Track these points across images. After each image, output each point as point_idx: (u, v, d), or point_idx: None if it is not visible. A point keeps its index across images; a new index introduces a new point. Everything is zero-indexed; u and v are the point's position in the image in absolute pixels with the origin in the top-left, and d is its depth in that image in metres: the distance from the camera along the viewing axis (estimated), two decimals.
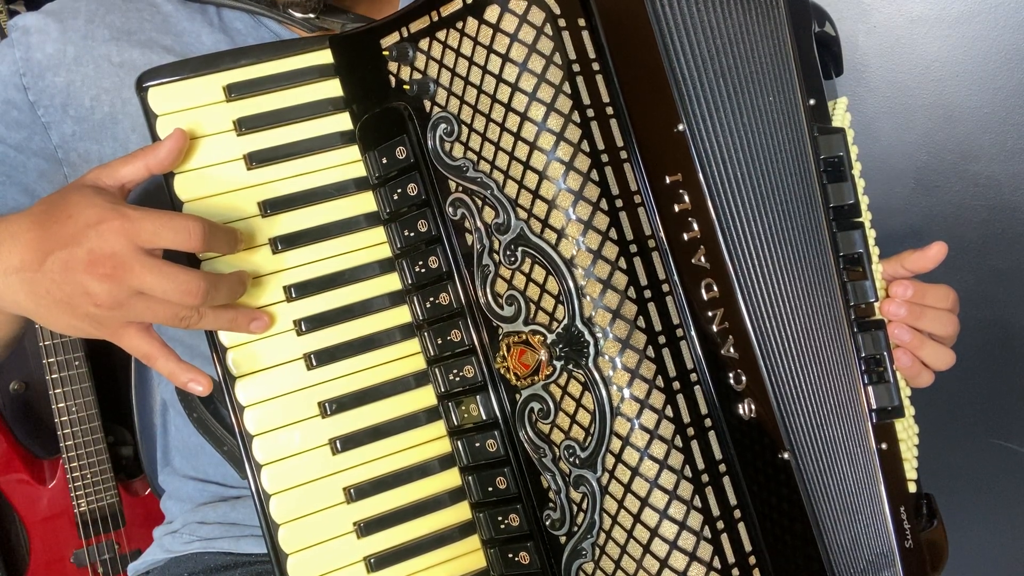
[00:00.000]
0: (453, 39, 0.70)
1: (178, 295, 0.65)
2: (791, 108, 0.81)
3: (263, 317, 0.72)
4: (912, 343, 0.82)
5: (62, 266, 0.65)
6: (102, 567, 1.73)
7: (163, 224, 0.64)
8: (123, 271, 0.64)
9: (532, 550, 0.72)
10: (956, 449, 1.51)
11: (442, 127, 0.71)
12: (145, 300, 0.65)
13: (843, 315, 0.81)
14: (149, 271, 0.64)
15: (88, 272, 0.64)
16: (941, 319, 0.84)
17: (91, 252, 0.64)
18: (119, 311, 0.66)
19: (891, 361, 0.82)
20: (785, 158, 0.79)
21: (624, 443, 0.67)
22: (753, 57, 0.78)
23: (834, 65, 0.91)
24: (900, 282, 0.84)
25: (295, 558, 0.73)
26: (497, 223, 0.70)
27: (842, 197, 0.83)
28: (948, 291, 0.86)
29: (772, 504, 0.70)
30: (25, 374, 1.73)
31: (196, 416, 0.86)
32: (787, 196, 0.78)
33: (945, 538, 0.84)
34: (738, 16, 0.78)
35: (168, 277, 0.64)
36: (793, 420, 0.73)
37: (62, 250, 0.65)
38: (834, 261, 0.81)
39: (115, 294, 0.64)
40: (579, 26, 0.68)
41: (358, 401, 0.75)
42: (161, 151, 0.70)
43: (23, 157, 0.85)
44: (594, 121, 0.67)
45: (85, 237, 0.64)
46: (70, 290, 0.65)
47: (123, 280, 0.64)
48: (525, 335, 0.69)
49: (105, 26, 0.85)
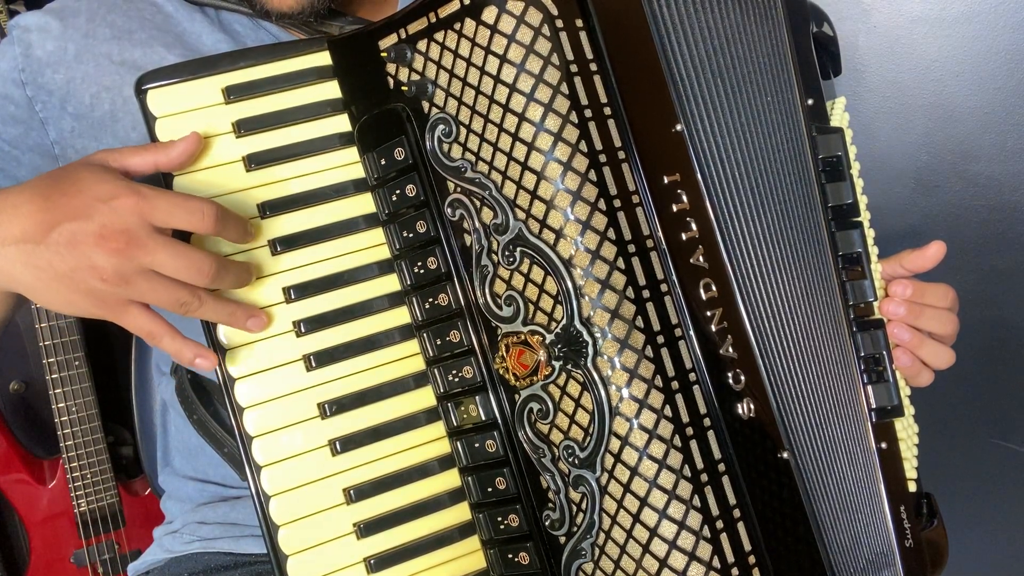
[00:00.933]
0: (451, 40, 0.70)
1: (188, 273, 0.64)
2: (789, 108, 0.81)
3: (261, 315, 0.71)
4: (911, 342, 0.82)
5: (69, 238, 0.63)
6: (102, 567, 1.73)
7: (178, 204, 0.64)
8: (134, 247, 0.63)
9: (532, 550, 0.72)
10: (956, 449, 1.51)
11: (440, 128, 0.71)
12: (150, 279, 0.65)
13: (842, 315, 0.81)
14: (162, 247, 0.64)
15: (98, 246, 0.63)
16: (940, 318, 0.84)
17: (103, 226, 0.63)
18: (123, 287, 0.64)
19: (890, 360, 0.82)
20: (783, 158, 0.79)
21: (623, 443, 0.67)
22: (751, 57, 0.78)
23: (832, 65, 0.91)
24: (899, 281, 0.84)
25: (295, 559, 0.73)
26: (496, 223, 0.70)
27: (840, 197, 0.83)
28: (947, 290, 0.86)
29: (771, 504, 0.70)
30: (25, 374, 1.73)
31: (196, 418, 0.87)
32: (785, 196, 0.78)
33: (945, 537, 0.84)
34: (736, 17, 0.78)
35: (180, 254, 0.64)
36: (792, 419, 0.73)
37: (71, 222, 0.63)
38: (833, 261, 0.81)
39: (122, 269, 0.64)
40: (577, 27, 0.68)
41: (358, 402, 0.75)
42: (174, 151, 0.70)
43: (18, 152, 0.85)
44: (592, 122, 0.67)
45: (96, 211, 0.63)
46: (74, 263, 0.64)
47: (133, 256, 0.63)
48: (524, 335, 0.70)
49: (106, 25, 0.85)
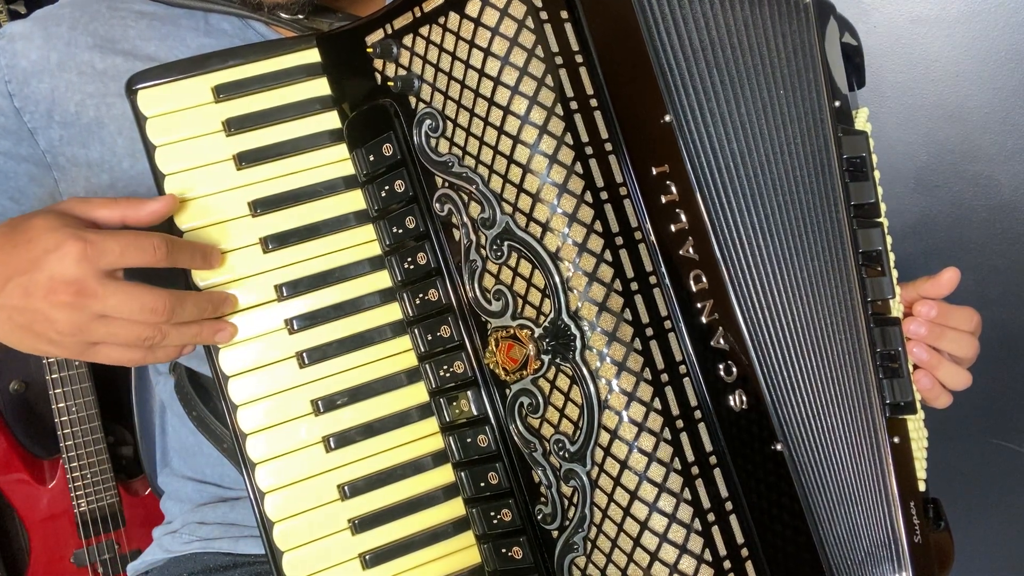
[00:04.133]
0: (436, 35, 0.70)
1: (143, 314, 0.65)
2: (811, 106, 0.81)
3: (227, 327, 0.72)
4: (929, 362, 0.83)
5: (22, 292, 0.65)
6: (102, 567, 1.74)
7: (127, 244, 0.65)
8: (84, 296, 0.64)
9: (525, 545, 0.72)
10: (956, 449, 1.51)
11: (427, 123, 0.71)
12: (107, 324, 0.65)
13: (860, 310, 0.81)
14: (112, 293, 0.64)
15: (47, 299, 0.64)
16: (962, 341, 0.85)
17: (51, 279, 0.64)
18: (81, 335, 0.66)
19: (906, 358, 0.82)
20: (797, 152, 0.79)
21: (612, 436, 0.66)
22: (758, 50, 0.78)
23: (856, 76, 0.91)
24: (924, 301, 0.84)
25: (290, 555, 0.73)
26: (483, 218, 0.70)
27: (863, 196, 0.83)
28: (972, 314, 0.86)
29: (764, 496, 0.70)
30: (25, 374, 1.74)
31: (195, 414, 0.87)
32: (796, 189, 0.78)
33: (951, 542, 0.84)
34: (742, 10, 0.77)
35: (132, 297, 0.65)
36: (787, 411, 0.73)
37: (21, 276, 0.64)
38: (854, 256, 0.81)
39: (76, 320, 0.65)
40: (562, 19, 0.68)
41: (350, 398, 0.75)
42: (143, 211, 0.70)
43: (12, 163, 0.86)
44: (577, 114, 0.67)
45: (45, 262, 0.64)
46: (31, 316, 0.65)
47: (85, 306, 0.64)
48: (513, 330, 0.69)
49: (88, 33, 0.86)
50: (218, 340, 0.71)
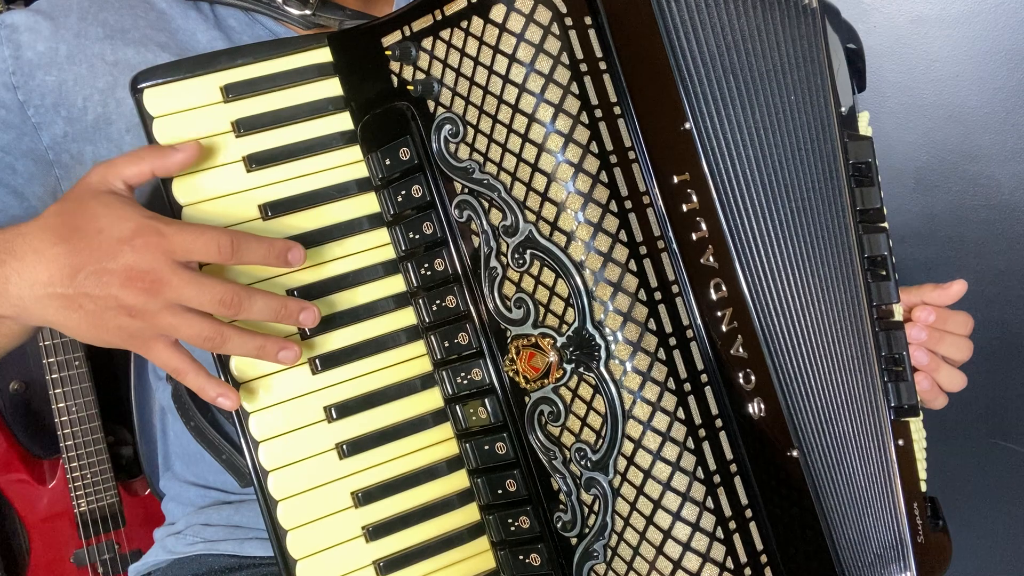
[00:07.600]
0: (458, 39, 0.68)
1: (213, 305, 0.65)
2: (818, 111, 0.82)
3: (293, 347, 0.69)
4: (930, 366, 0.85)
5: (96, 281, 0.65)
6: (102, 567, 1.73)
7: (195, 238, 0.65)
8: (160, 285, 0.64)
9: (543, 552, 0.72)
10: (956, 449, 1.53)
11: (447, 128, 0.70)
12: (176, 314, 0.65)
13: (865, 314, 0.82)
14: (187, 283, 0.64)
15: (124, 287, 0.65)
16: (959, 344, 0.87)
17: (128, 268, 0.64)
18: (150, 322, 0.66)
19: (909, 361, 0.83)
20: (806, 158, 0.79)
21: (636, 446, 0.67)
22: (770, 56, 0.78)
23: (857, 80, 0.92)
24: (924, 307, 0.86)
25: (304, 564, 0.72)
26: (505, 225, 0.69)
27: (869, 201, 0.84)
28: (967, 318, 0.88)
29: (782, 502, 0.70)
30: (25, 374, 1.71)
31: (193, 424, 0.85)
32: (805, 195, 0.79)
33: (949, 541, 0.86)
34: (756, 15, 0.77)
35: (205, 287, 0.65)
36: (802, 417, 0.73)
37: (96, 264, 0.65)
38: (860, 261, 0.82)
39: (149, 306, 0.65)
40: (586, 24, 0.67)
41: (364, 405, 0.74)
42: (170, 159, 0.69)
43: (11, 159, 0.83)
44: (602, 122, 0.67)
45: (120, 252, 0.64)
46: (103, 303, 0.65)
47: (160, 293, 0.64)
48: (534, 338, 0.69)
49: (99, 24, 0.83)
50: (281, 359, 0.69)
